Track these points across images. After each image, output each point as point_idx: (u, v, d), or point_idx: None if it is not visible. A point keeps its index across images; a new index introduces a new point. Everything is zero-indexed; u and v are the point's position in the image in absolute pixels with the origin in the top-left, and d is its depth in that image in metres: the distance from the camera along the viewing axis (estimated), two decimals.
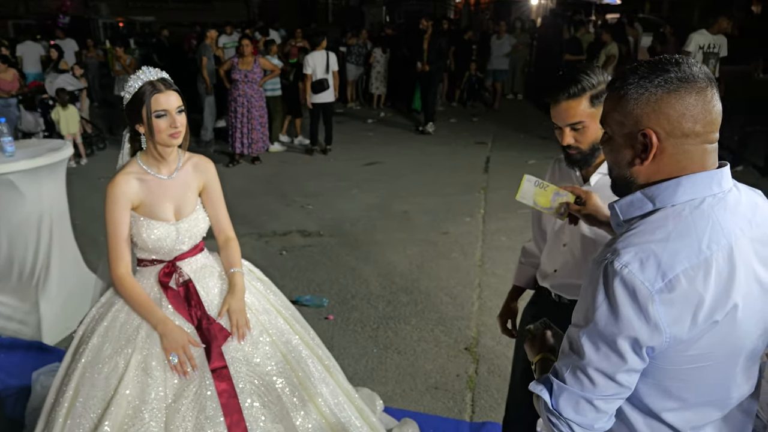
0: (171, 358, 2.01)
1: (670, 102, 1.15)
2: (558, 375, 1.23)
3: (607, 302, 1.13)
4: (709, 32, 7.16)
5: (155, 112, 2.02)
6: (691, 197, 1.17)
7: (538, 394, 1.25)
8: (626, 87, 1.19)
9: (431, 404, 3.31)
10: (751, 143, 7.48)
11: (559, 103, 1.84)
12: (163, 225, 2.13)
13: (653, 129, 1.16)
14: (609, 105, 1.24)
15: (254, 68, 8.02)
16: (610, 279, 1.12)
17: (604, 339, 1.14)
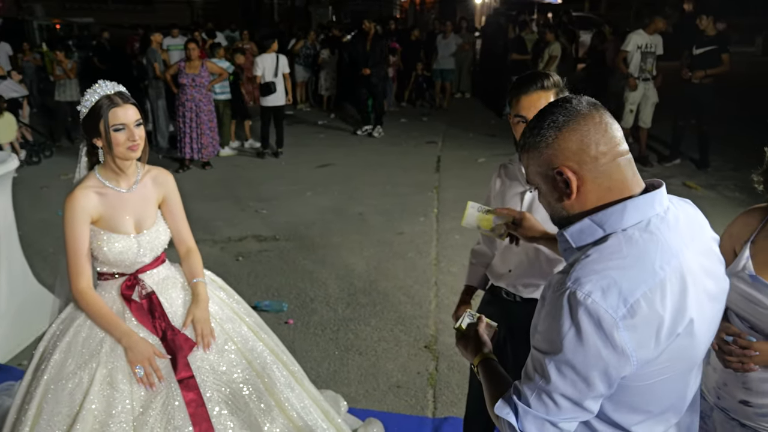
0: (137, 371, 2.01)
1: (566, 137, 1.24)
2: (521, 397, 1.25)
3: (574, 331, 1.15)
4: (645, 32, 7.47)
5: (113, 126, 2.02)
6: (638, 220, 1.22)
7: (504, 417, 1.27)
8: (528, 141, 1.30)
9: (394, 403, 3.37)
10: (685, 137, 7.83)
11: (530, 94, 1.96)
12: (124, 238, 2.13)
13: (565, 165, 1.24)
14: (526, 161, 1.33)
15: (202, 72, 7.92)
16: (575, 309, 1.14)
17: (572, 367, 1.17)
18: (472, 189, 6.95)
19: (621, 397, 1.23)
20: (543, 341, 1.21)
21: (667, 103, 7.92)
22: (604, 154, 1.23)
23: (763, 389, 1.71)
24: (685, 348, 1.22)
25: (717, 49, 7.08)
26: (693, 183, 7.10)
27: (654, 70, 7.54)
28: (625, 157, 1.26)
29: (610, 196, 1.24)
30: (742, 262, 1.77)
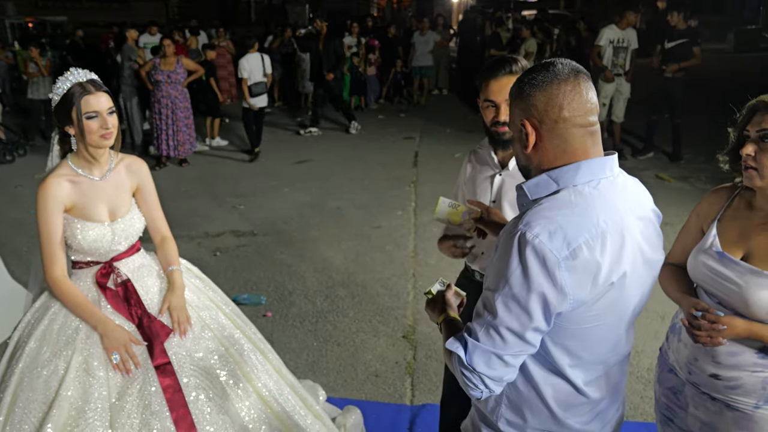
0: (113, 357, 2.01)
1: (536, 96, 1.35)
2: (471, 334, 1.36)
3: (521, 268, 1.27)
4: (618, 27, 7.58)
5: (86, 114, 2.01)
6: (589, 179, 1.35)
7: (453, 351, 1.38)
8: (512, 91, 1.44)
9: (372, 391, 3.40)
10: (658, 131, 7.97)
11: (499, 79, 2.01)
12: (98, 226, 2.12)
13: (528, 120, 1.37)
14: (510, 108, 1.46)
15: (177, 69, 7.86)
16: (523, 247, 1.27)
17: (517, 300, 1.29)
18: (449, 183, 6.94)
19: (557, 338, 1.37)
20: (493, 280, 1.33)
21: (639, 98, 8.05)
22: (564, 119, 1.34)
23: (731, 362, 1.76)
24: (617, 300, 1.37)
25: (688, 42, 7.21)
26: (666, 175, 7.23)
27: (627, 65, 7.66)
28: (588, 128, 1.36)
29: (566, 158, 1.36)
30: (709, 239, 1.85)
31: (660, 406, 2.04)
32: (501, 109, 2.03)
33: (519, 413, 1.47)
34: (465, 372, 1.37)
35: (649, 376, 3.52)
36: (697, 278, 1.89)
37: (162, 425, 1.98)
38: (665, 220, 5.89)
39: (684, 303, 1.86)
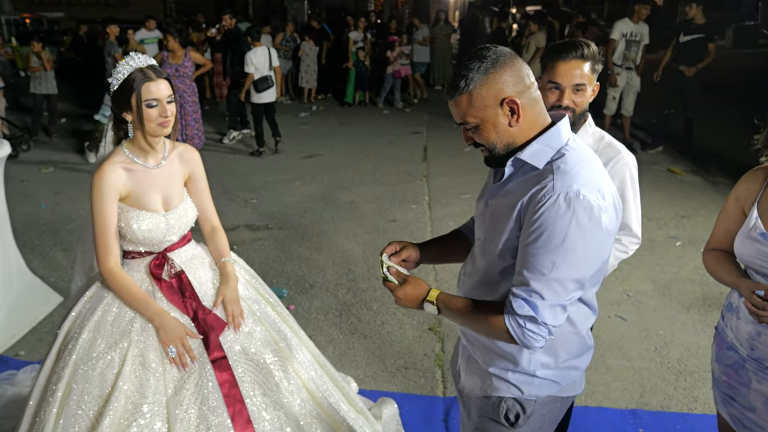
0: (169, 351, 1.96)
1: (504, 73, 1.46)
2: (533, 294, 1.45)
3: (575, 222, 1.39)
4: (631, 21, 7.56)
5: (146, 101, 1.97)
6: (567, 137, 1.52)
7: (525, 314, 1.45)
8: (470, 83, 1.47)
9: (404, 383, 3.37)
10: (669, 125, 7.97)
11: (568, 61, 2.00)
12: (153, 216, 2.08)
13: (509, 95, 1.46)
14: (465, 103, 1.48)
15: (185, 62, 7.80)
16: (571, 205, 1.39)
17: (575, 252, 1.41)
18: (460, 177, 7.00)
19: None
20: (545, 242, 1.41)
21: (648, 92, 8.04)
22: (531, 84, 1.50)
23: None
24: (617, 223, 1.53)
25: (704, 37, 7.19)
26: (677, 168, 7.22)
27: (638, 58, 7.64)
28: (539, 97, 1.54)
29: (540, 121, 1.52)
30: (752, 222, 1.89)
31: (720, 385, 2.03)
32: (565, 93, 2.00)
33: (553, 353, 1.61)
34: (533, 328, 1.46)
35: (680, 366, 3.51)
36: (746, 261, 1.92)
37: (219, 420, 1.95)
38: (680, 213, 5.89)
39: (742, 286, 1.89)
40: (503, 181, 1.57)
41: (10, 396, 3.01)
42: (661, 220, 5.55)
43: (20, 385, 3.09)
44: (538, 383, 1.64)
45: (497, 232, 1.56)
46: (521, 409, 1.67)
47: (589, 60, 2.01)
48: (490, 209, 1.61)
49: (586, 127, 2.21)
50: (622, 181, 2.18)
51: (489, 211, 1.62)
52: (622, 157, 2.19)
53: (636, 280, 4.52)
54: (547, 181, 1.43)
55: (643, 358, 3.59)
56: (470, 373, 1.77)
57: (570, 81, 2.00)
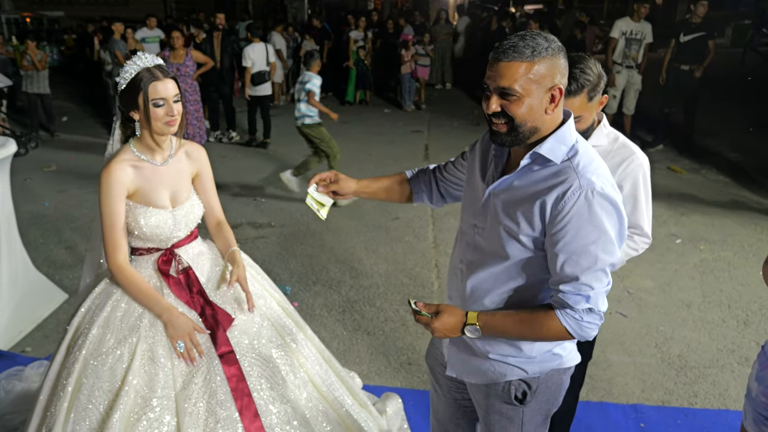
0: (178, 346, 2.00)
1: (562, 61, 1.52)
2: (583, 288, 1.54)
3: (604, 215, 1.51)
4: (632, 20, 7.58)
5: (153, 101, 2.00)
6: (576, 135, 1.60)
7: (583, 308, 1.55)
8: (536, 56, 1.48)
9: (407, 379, 3.41)
10: (670, 123, 8.00)
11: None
12: (160, 212, 2.11)
13: (560, 83, 1.53)
14: (522, 71, 1.49)
15: (186, 61, 7.82)
16: (597, 199, 1.50)
17: (609, 241, 1.53)
18: None
19: None
20: (584, 238, 1.51)
21: (648, 91, 8.07)
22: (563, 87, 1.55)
23: None
24: None
25: (705, 36, 7.22)
26: (678, 167, 7.25)
27: (639, 57, 7.67)
28: None
29: (560, 118, 1.60)
30: None
31: (756, 404, 1.92)
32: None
33: None
34: (590, 319, 1.57)
35: (680, 362, 3.55)
36: None
37: (227, 414, 1.98)
38: (680, 211, 5.93)
39: None
40: (515, 174, 1.59)
41: (18, 391, 3.04)
42: (661, 218, 5.58)
43: (28, 381, 3.12)
44: (539, 361, 1.73)
45: (510, 224, 1.60)
46: (527, 387, 1.76)
47: (581, 93, 1.99)
48: (495, 199, 1.64)
49: (600, 127, 2.23)
50: (635, 182, 2.19)
51: (494, 201, 1.64)
52: (636, 157, 2.20)
53: (637, 277, 4.55)
54: (571, 179, 1.51)
55: (644, 354, 3.63)
56: (466, 363, 1.82)
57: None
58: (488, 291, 1.70)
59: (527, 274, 1.64)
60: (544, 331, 1.59)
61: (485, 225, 1.67)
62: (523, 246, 1.60)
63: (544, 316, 1.59)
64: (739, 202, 6.20)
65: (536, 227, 1.56)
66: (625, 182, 2.20)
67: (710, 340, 3.78)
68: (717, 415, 3.12)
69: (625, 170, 2.18)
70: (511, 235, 1.60)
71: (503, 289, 1.68)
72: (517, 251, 1.61)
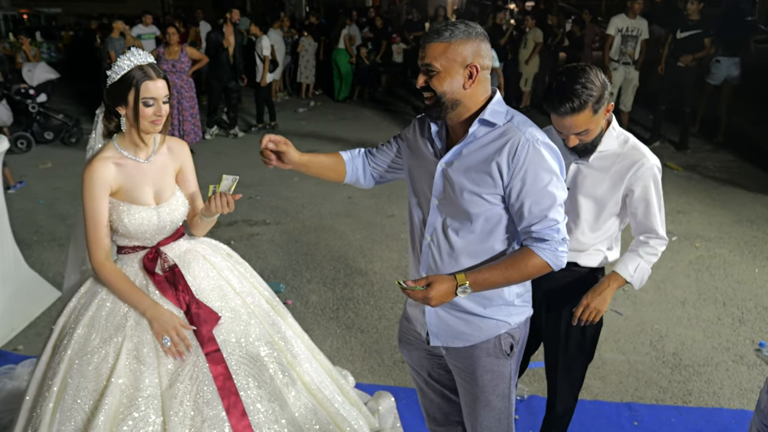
0: (164, 341, 1.98)
1: (481, 44, 1.74)
2: (552, 221, 1.75)
3: (549, 159, 1.74)
4: (627, 16, 7.56)
5: (143, 100, 1.98)
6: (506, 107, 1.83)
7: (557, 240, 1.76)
8: (453, 37, 1.70)
9: (400, 377, 3.39)
10: (666, 120, 7.98)
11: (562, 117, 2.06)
12: (144, 209, 2.09)
13: (474, 63, 1.73)
14: (440, 51, 1.71)
15: (181, 57, 7.78)
16: (543, 148, 1.74)
17: (560, 180, 1.77)
18: None
19: None
20: (539, 182, 1.73)
21: (645, 88, 8.05)
22: (489, 66, 1.79)
23: None
24: None
25: (701, 33, 7.21)
26: (674, 164, 7.23)
27: (636, 54, 7.65)
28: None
29: (486, 94, 1.80)
30: None
31: (765, 417, 1.93)
32: (569, 139, 2.11)
33: None
34: (562, 248, 1.79)
35: (675, 360, 3.53)
36: None
37: (214, 413, 1.96)
38: (677, 208, 5.90)
39: None
40: (463, 143, 1.79)
41: (9, 390, 3.03)
42: None
43: (19, 379, 3.10)
44: (516, 311, 1.93)
45: (471, 186, 1.78)
46: (512, 339, 1.95)
47: (585, 108, 1.98)
48: (449, 169, 1.82)
49: (609, 130, 2.17)
50: (645, 186, 2.15)
51: (448, 171, 1.82)
52: (647, 160, 2.14)
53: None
54: (518, 135, 1.73)
55: (639, 352, 3.61)
56: (452, 328, 1.95)
57: (569, 132, 2.05)
58: (462, 253, 1.85)
59: (494, 229, 1.83)
60: (529, 269, 1.78)
61: (444, 195, 1.84)
62: (488, 202, 1.78)
63: (525, 256, 1.78)
64: (734, 200, 6.19)
65: (497, 183, 1.75)
66: (635, 186, 2.15)
67: (705, 338, 3.76)
68: (711, 413, 3.11)
69: (635, 174, 2.13)
70: (475, 194, 1.78)
71: (476, 248, 1.84)
72: (482, 209, 1.79)
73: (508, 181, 1.74)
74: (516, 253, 1.81)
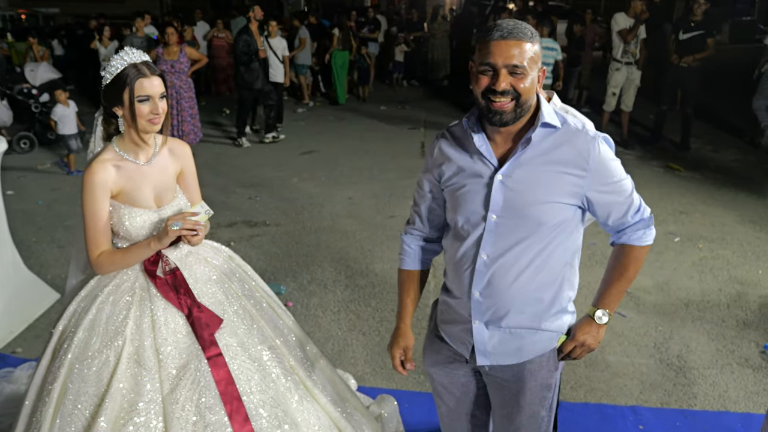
0: (173, 226, 1.97)
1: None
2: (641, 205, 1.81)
3: (612, 151, 1.78)
4: (628, 16, 7.55)
5: (138, 97, 1.95)
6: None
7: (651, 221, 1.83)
8: (535, 37, 1.65)
9: (403, 380, 3.36)
10: (667, 121, 7.96)
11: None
12: (145, 212, 2.06)
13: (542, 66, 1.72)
14: (530, 51, 1.64)
15: (180, 58, 7.74)
16: (603, 142, 1.74)
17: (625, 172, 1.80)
18: None
19: None
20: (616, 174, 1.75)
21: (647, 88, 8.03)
22: None
23: None
24: None
25: (704, 33, 7.19)
26: (676, 165, 7.21)
27: (638, 53, 7.63)
28: None
29: None
30: None
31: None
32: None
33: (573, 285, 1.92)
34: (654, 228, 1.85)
35: (679, 363, 3.51)
36: None
37: (217, 419, 1.93)
38: (678, 209, 5.86)
39: None
40: (523, 150, 1.70)
41: (7, 393, 2.99)
42: (659, 216, 5.53)
43: (18, 383, 3.07)
44: (569, 318, 1.91)
45: (538, 197, 1.70)
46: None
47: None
48: (508, 181, 1.71)
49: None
50: None
51: (509, 182, 1.72)
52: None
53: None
54: (582, 135, 1.70)
55: (643, 355, 3.58)
56: (506, 345, 1.86)
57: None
58: (527, 266, 1.77)
59: (559, 233, 1.76)
60: (639, 262, 1.85)
61: (506, 208, 1.73)
62: (558, 208, 1.72)
63: (627, 255, 1.83)
64: (737, 200, 6.16)
65: (570, 188, 1.70)
66: None
67: (709, 341, 3.74)
68: (717, 416, 3.08)
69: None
70: (545, 202, 1.70)
71: (540, 258, 1.77)
72: (549, 216, 1.72)
73: (586, 184, 1.70)
74: (620, 256, 1.85)
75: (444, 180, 1.84)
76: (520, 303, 1.80)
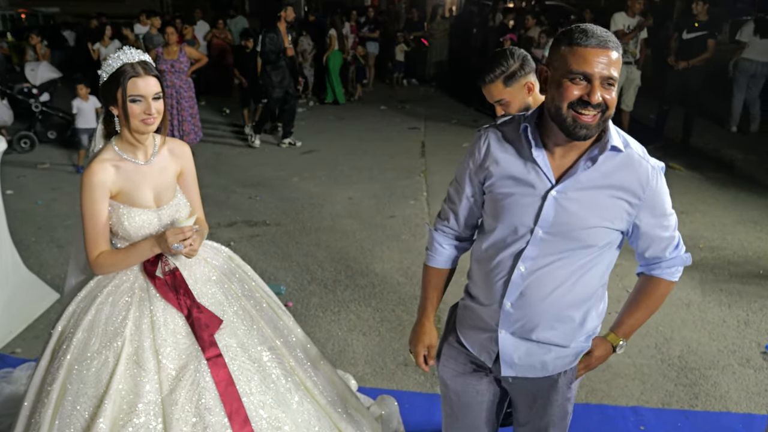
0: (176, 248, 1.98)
1: None
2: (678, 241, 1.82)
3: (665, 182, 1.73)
4: (627, 15, 7.55)
5: (130, 97, 1.94)
6: None
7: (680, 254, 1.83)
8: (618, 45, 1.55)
9: (403, 381, 3.35)
10: (668, 121, 7.95)
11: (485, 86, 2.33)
12: (145, 212, 2.05)
13: None
14: (617, 58, 1.53)
15: (180, 57, 7.72)
16: (661, 175, 1.71)
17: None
18: None
19: None
20: (666, 207, 1.74)
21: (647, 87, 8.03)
22: None
23: None
24: None
25: (706, 35, 7.19)
26: (676, 164, 7.20)
27: (638, 52, 7.62)
28: None
29: None
30: None
31: None
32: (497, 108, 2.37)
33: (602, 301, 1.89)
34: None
35: (680, 363, 3.50)
36: None
37: (216, 419, 1.92)
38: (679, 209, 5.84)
39: None
40: (583, 169, 1.63)
41: (7, 394, 2.98)
42: None
43: (17, 383, 3.06)
44: (595, 332, 1.88)
45: (591, 220, 1.65)
46: None
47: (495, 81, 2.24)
48: (562, 197, 1.64)
49: None
50: None
51: (563, 200, 1.64)
52: None
53: (635, 276, 4.49)
54: (644, 164, 1.64)
55: (644, 355, 3.58)
56: (532, 358, 1.83)
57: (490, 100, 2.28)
58: (562, 283, 1.72)
59: (599, 257, 1.72)
60: (663, 297, 1.87)
61: (555, 225, 1.66)
62: (606, 233, 1.68)
63: (656, 288, 1.84)
64: (738, 200, 6.15)
65: (624, 215, 1.67)
66: None
67: (710, 341, 3.73)
68: (718, 417, 3.08)
69: None
70: (596, 226, 1.65)
71: (577, 277, 1.72)
72: (596, 239, 1.68)
73: (636, 213, 1.67)
74: (645, 287, 1.86)
75: (489, 184, 1.73)
76: (551, 318, 1.74)
